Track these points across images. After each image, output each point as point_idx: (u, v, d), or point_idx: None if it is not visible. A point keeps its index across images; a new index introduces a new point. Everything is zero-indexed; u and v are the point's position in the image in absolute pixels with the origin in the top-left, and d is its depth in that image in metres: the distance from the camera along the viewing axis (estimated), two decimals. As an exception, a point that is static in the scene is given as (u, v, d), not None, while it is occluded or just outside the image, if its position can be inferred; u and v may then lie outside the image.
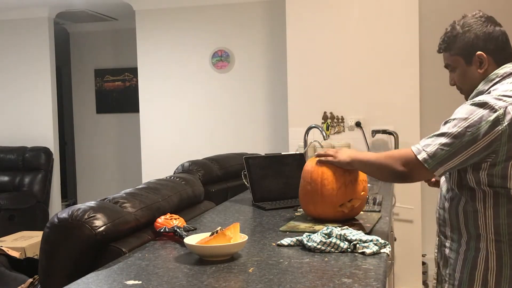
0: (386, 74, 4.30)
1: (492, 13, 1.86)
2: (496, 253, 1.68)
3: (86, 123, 7.33)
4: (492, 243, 1.68)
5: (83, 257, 1.72)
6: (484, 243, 1.69)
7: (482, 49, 1.74)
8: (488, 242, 1.69)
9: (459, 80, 1.80)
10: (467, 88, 1.80)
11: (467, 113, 1.62)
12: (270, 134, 5.58)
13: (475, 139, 1.59)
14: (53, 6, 6.18)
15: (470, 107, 1.63)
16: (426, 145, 1.65)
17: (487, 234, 1.69)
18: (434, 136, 1.65)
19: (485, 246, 1.69)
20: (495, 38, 1.75)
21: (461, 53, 1.77)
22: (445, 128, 1.65)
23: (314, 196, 1.99)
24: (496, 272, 1.68)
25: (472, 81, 1.77)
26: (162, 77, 5.78)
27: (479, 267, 1.69)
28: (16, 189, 6.06)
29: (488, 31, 1.75)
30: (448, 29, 1.81)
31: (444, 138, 1.63)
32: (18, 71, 6.39)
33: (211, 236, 1.58)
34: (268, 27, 5.53)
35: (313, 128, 3.64)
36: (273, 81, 5.54)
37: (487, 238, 1.69)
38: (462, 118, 1.62)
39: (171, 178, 2.52)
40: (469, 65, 1.77)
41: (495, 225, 1.67)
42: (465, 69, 1.78)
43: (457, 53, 1.78)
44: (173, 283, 1.34)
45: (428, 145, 1.65)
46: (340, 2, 4.38)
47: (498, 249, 1.68)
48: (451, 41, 1.78)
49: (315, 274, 1.40)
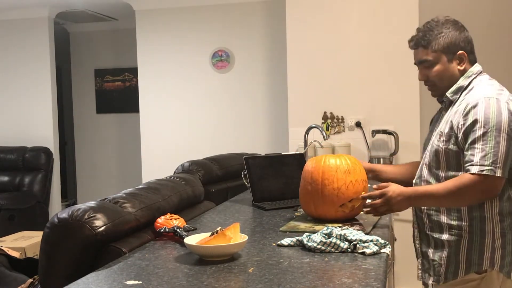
0: (386, 74, 4.30)
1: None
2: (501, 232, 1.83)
3: (86, 123, 7.33)
4: (498, 224, 1.82)
5: (83, 257, 1.72)
6: (490, 225, 1.82)
7: (462, 49, 1.90)
8: (494, 223, 1.81)
9: (438, 75, 1.91)
10: (444, 84, 1.92)
11: (498, 113, 1.74)
12: (270, 134, 5.58)
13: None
14: (53, 6, 6.18)
15: (494, 108, 1.75)
16: (494, 162, 1.72)
17: (492, 216, 1.81)
18: (491, 149, 1.73)
19: (491, 228, 1.82)
20: (470, 41, 1.94)
21: (444, 51, 1.90)
22: (492, 136, 1.73)
23: (315, 196, 1.99)
24: (501, 250, 1.82)
25: (451, 77, 1.91)
26: (162, 77, 5.78)
27: (487, 247, 1.82)
28: (16, 189, 6.06)
29: (465, 34, 1.93)
30: (427, 27, 1.92)
31: (502, 146, 1.73)
32: (18, 71, 6.39)
33: (211, 236, 1.58)
34: (268, 27, 5.53)
35: (313, 128, 3.64)
36: (273, 81, 5.54)
37: (493, 220, 1.81)
38: (499, 121, 1.74)
39: (171, 178, 2.52)
40: (450, 63, 1.91)
41: (500, 208, 1.81)
42: (446, 65, 1.91)
43: (440, 50, 1.90)
44: (173, 283, 1.34)
45: (496, 160, 1.72)
46: (340, 2, 4.38)
47: (502, 229, 1.82)
48: (433, 38, 1.89)
49: (315, 274, 1.40)
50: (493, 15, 4.34)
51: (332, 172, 1.97)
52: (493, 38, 4.32)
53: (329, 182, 1.96)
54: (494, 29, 4.29)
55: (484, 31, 4.24)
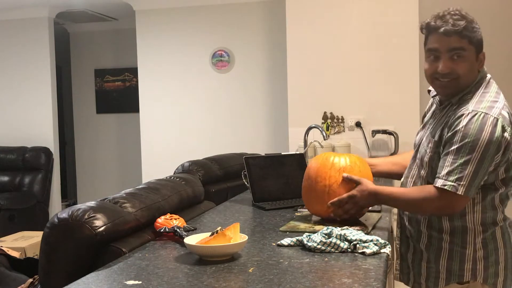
0: (386, 74, 4.30)
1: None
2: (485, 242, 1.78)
3: (86, 123, 7.33)
4: (480, 234, 1.77)
5: (83, 257, 1.72)
6: (472, 235, 1.77)
7: (482, 49, 1.79)
8: (476, 234, 1.77)
9: (465, 69, 1.75)
10: (467, 81, 1.77)
11: (479, 130, 1.65)
12: (270, 134, 5.58)
13: (497, 150, 1.65)
14: (53, 6, 6.18)
15: (478, 123, 1.66)
16: (458, 179, 1.65)
17: (475, 226, 1.76)
18: (460, 165, 1.65)
19: (472, 239, 1.77)
20: None
21: (476, 48, 1.77)
22: (465, 153, 1.65)
23: (310, 192, 1.97)
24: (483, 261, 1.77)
25: (473, 75, 1.78)
26: (162, 77, 5.78)
27: (468, 257, 1.77)
28: (16, 189, 6.06)
29: None
30: (465, 17, 1.75)
31: (472, 165, 1.65)
32: (18, 71, 6.39)
33: (211, 236, 1.58)
34: (268, 27, 5.53)
35: (313, 128, 3.64)
36: (273, 81, 5.54)
37: (475, 231, 1.76)
38: (476, 139, 1.64)
39: (171, 178, 2.52)
40: (475, 60, 1.78)
41: (482, 218, 1.76)
42: (474, 63, 1.77)
43: (475, 45, 1.76)
44: (173, 283, 1.34)
45: (461, 178, 1.65)
46: (340, 2, 4.38)
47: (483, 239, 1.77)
48: (470, 31, 1.74)
49: (315, 274, 1.40)
50: (494, 15, 4.34)
51: (326, 169, 1.94)
52: (493, 39, 4.32)
53: (321, 179, 1.94)
54: (494, 30, 4.29)
55: (484, 32, 4.24)
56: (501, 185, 1.75)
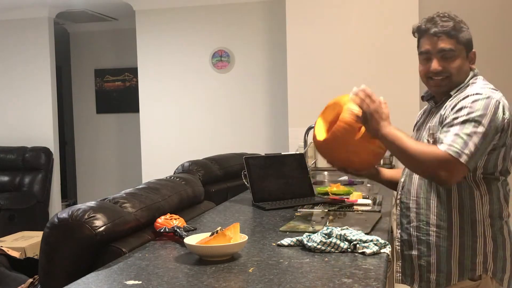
0: (386, 74, 4.30)
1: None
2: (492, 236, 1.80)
3: (86, 123, 7.33)
4: (489, 227, 1.79)
5: (83, 257, 1.72)
6: (481, 228, 1.79)
7: (472, 48, 1.90)
8: (485, 226, 1.79)
9: (456, 68, 1.85)
10: (459, 79, 1.86)
11: (484, 107, 1.72)
12: (270, 134, 5.58)
13: (496, 130, 1.72)
14: (53, 6, 6.18)
15: (483, 102, 1.73)
16: (463, 147, 1.68)
17: (484, 218, 1.79)
18: (466, 136, 1.69)
19: (482, 231, 1.79)
20: None
21: (466, 46, 1.86)
22: (471, 125, 1.70)
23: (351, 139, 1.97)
24: (492, 254, 1.79)
25: (465, 74, 1.88)
26: (162, 77, 5.78)
27: (479, 250, 1.79)
28: (16, 189, 6.06)
29: None
30: (453, 18, 1.86)
31: (476, 137, 1.69)
32: (18, 71, 6.39)
33: (211, 236, 1.58)
34: (268, 27, 5.53)
35: (313, 128, 3.63)
36: (273, 81, 5.54)
37: (484, 223, 1.79)
38: (483, 114, 1.71)
39: (171, 178, 2.52)
40: (466, 59, 1.88)
41: (490, 210, 1.79)
42: (464, 61, 1.87)
43: (464, 44, 1.85)
44: (173, 283, 1.34)
45: (466, 146, 1.69)
46: (340, 2, 4.38)
47: (493, 232, 1.80)
48: (459, 31, 1.84)
49: (315, 274, 1.40)
50: (493, 15, 4.34)
51: None
52: (493, 39, 4.32)
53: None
54: (494, 30, 4.29)
55: (484, 32, 4.24)
56: (499, 176, 1.82)
